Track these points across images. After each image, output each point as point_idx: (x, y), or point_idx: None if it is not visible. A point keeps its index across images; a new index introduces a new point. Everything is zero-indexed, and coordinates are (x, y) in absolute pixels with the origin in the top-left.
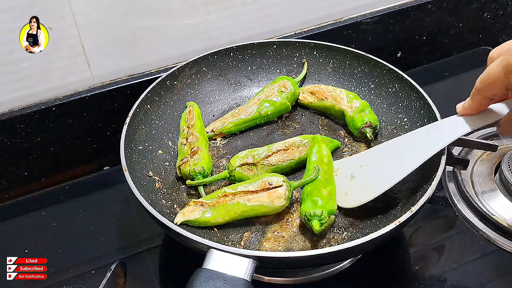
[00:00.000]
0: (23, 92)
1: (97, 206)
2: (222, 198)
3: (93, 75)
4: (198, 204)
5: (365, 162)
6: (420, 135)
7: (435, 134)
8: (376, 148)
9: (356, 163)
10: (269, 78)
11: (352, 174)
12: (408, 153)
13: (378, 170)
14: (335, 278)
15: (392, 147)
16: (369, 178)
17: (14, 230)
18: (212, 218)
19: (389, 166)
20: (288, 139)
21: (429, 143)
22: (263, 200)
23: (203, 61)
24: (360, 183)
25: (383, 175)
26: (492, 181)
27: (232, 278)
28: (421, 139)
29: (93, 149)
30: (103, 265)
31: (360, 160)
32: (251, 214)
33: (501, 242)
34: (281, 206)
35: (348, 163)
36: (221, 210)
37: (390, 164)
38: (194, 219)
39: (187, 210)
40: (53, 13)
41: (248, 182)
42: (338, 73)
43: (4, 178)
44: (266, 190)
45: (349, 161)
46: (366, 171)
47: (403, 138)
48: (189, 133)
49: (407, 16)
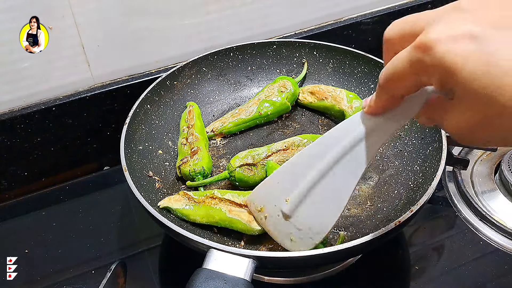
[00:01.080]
0: (23, 92)
1: (97, 206)
2: (209, 199)
3: (93, 75)
4: (186, 196)
5: (287, 194)
6: (329, 145)
7: (347, 144)
8: (289, 167)
9: (279, 197)
10: (269, 78)
11: (283, 212)
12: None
13: (312, 202)
14: (335, 278)
15: (309, 160)
16: (305, 214)
17: (14, 230)
18: (191, 213)
19: (321, 194)
20: (288, 138)
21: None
22: (242, 217)
23: (203, 61)
24: (299, 224)
25: (321, 208)
26: (492, 181)
27: (232, 278)
28: (333, 152)
29: (93, 149)
30: (103, 265)
31: (279, 191)
32: (228, 225)
33: (501, 242)
34: (256, 229)
35: (267, 198)
36: (202, 210)
37: (321, 192)
38: (175, 208)
39: (174, 198)
40: (53, 13)
41: (238, 193)
42: (338, 73)
43: (4, 178)
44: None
45: (268, 194)
46: (297, 206)
47: (309, 152)
48: (189, 133)
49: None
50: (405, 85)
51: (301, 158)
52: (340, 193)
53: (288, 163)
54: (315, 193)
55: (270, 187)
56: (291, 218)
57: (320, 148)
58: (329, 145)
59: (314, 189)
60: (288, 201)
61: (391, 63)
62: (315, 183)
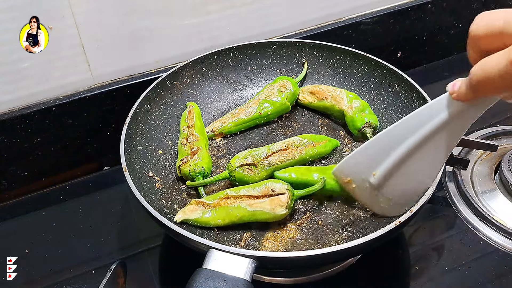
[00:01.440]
0: (23, 92)
1: (97, 206)
2: (223, 200)
3: (93, 75)
4: (200, 204)
5: (374, 168)
6: (416, 125)
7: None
8: (376, 143)
9: (366, 171)
10: (269, 78)
11: (371, 185)
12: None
13: (399, 177)
14: (335, 278)
15: (395, 139)
16: (392, 187)
17: (14, 230)
18: (211, 219)
19: (408, 170)
20: (287, 139)
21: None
22: (265, 206)
23: (203, 61)
24: (388, 194)
25: (408, 183)
26: (492, 181)
27: (232, 278)
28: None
29: (93, 149)
30: (103, 265)
31: (366, 165)
32: (251, 219)
33: (501, 242)
34: (281, 214)
35: (356, 171)
36: (221, 212)
37: (408, 168)
38: (194, 218)
39: (188, 209)
40: (53, 13)
41: (251, 186)
42: (338, 73)
43: (4, 178)
44: (268, 197)
45: (355, 167)
46: (385, 179)
47: (397, 129)
48: (189, 133)
49: (407, 16)
50: (498, 88)
51: (388, 136)
52: (427, 170)
53: (375, 138)
54: (402, 169)
55: (357, 161)
56: (380, 189)
57: (408, 126)
58: (416, 125)
59: (401, 166)
60: (375, 175)
61: (484, 65)
62: (402, 160)
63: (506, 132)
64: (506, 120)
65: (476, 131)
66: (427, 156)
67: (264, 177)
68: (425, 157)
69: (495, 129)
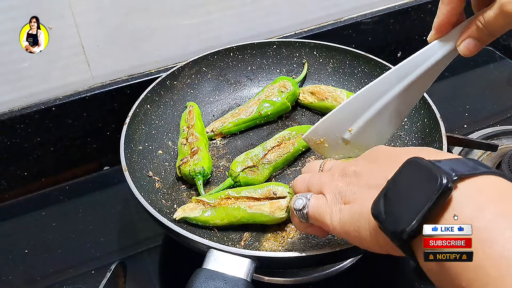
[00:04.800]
0: (23, 92)
1: (97, 206)
2: (224, 200)
3: (93, 75)
4: (200, 203)
5: (350, 124)
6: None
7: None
8: (354, 102)
9: (341, 129)
10: (269, 78)
11: (345, 140)
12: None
13: (373, 126)
14: (335, 278)
15: (374, 95)
16: (364, 137)
17: (14, 230)
18: (211, 218)
19: (382, 119)
20: (276, 135)
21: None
22: (264, 209)
23: (203, 61)
24: (358, 146)
25: (380, 130)
26: None
27: (232, 278)
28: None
29: (93, 149)
30: (103, 265)
31: (341, 123)
32: (250, 221)
33: None
34: (280, 218)
35: (330, 131)
36: (221, 212)
37: (382, 117)
38: (193, 217)
39: (187, 207)
40: (53, 13)
41: (253, 187)
42: (338, 73)
43: (4, 178)
44: (269, 199)
45: (330, 128)
46: (360, 133)
47: (375, 86)
48: (189, 133)
49: (407, 16)
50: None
51: (366, 93)
52: (399, 115)
53: (353, 98)
54: (377, 119)
55: (331, 122)
56: (351, 142)
57: (389, 81)
58: (397, 79)
59: (376, 116)
60: (352, 130)
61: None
62: (378, 112)
63: (506, 132)
64: (506, 120)
65: (476, 131)
66: (399, 106)
67: (267, 175)
68: (398, 108)
69: (495, 129)
